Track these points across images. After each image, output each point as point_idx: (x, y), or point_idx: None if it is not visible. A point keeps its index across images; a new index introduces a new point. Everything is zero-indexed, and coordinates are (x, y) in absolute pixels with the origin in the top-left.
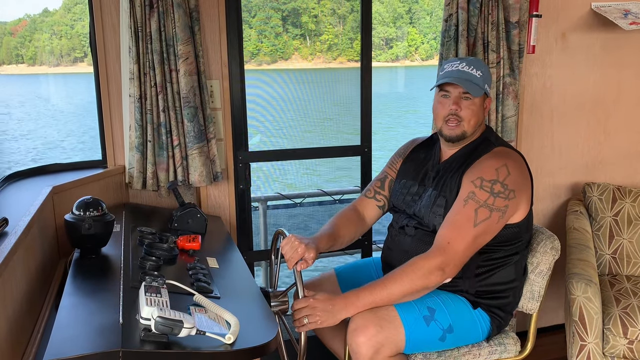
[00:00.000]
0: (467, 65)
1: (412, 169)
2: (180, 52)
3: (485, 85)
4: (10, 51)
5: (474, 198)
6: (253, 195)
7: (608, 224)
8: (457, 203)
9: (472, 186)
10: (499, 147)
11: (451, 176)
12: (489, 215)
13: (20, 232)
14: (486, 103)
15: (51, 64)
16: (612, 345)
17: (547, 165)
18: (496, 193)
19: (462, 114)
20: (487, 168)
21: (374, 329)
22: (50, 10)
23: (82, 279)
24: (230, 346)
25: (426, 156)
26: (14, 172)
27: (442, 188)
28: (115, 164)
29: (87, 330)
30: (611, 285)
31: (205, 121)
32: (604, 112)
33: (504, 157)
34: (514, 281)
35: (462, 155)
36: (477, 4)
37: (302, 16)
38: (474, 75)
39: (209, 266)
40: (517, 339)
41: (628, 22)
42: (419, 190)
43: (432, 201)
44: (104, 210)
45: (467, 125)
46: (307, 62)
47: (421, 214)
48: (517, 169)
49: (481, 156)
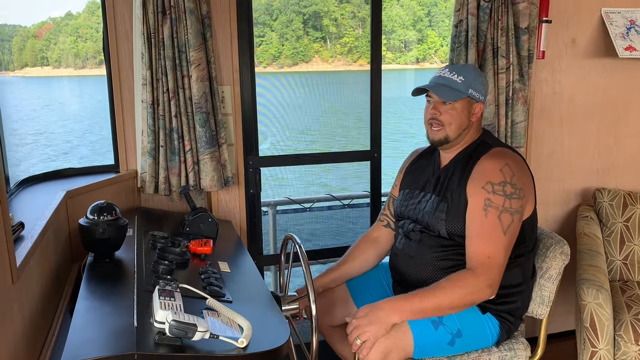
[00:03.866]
0: (451, 71)
1: (413, 178)
2: (192, 58)
3: (470, 90)
4: (35, 54)
5: (492, 205)
6: (263, 200)
7: (619, 229)
8: (477, 213)
9: (484, 193)
10: (496, 147)
11: (451, 180)
12: (512, 220)
13: (36, 236)
14: (474, 108)
15: (77, 67)
16: (623, 352)
17: (557, 170)
18: (509, 195)
19: (442, 118)
20: (491, 171)
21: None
22: (73, 13)
23: (97, 282)
24: (243, 350)
25: (427, 164)
26: (28, 177)
27: (444, 193)
28: (128, 168)
29: (102, 334)
30: (622, 292)
31: (217, 126)
32: (615, 117)
33: (503, 157)
34: (521, 284)
35: (460, 159)
36: (487, 9)
37: (323, 19)
38: (454, 81)
39: (221, 270)
40: (527, 344)
41: (624, 47)
42: (421, 197)
43: (434, 207)
44: (117, 215)
45: (448, 129)
46: (327, 65)
47: (425, 219)
48: (519, 167)
49: (480, 158)
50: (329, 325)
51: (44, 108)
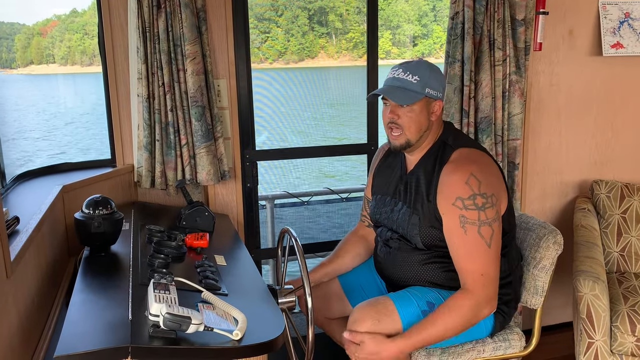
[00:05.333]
0: (405, 71)
1: (382, 182)
2: (188, 51)
3: (427, 89)
4: (41, 51)
5: (467, 221)
6: (260, 193)
7: (616, 221)
8: (456, 232)
9: (457, 210)
10: (456, 150)
11: (418, 190)
12: (492, 230)
13: (31, 230)
14: (434, 107)
15: (84, 64)
16: (620, 343)
17: (554, 162)
18: (481, 207)
19: (400, 122)
20: (457, 185)
21: (371, 321)
22: (79, 11)
23: (92, 276)
24: (238, 342)
25: (394, 165)
26: (24, 172)
27: (414, 204)
28: (124, 163)
29: (97, 327)
30: (619, 283)
31: (213, 120)
32: (612, 109)
33: (466, 165)
34: (509, 275)
35: (424, 164)
36: (483, 1)
37: (328, 15)
38: (409, 82)
39: (217, 264)
40: (522, 335)
41: (612, 44)
42: (392, 204)
43: (407, 219)
44: (113, 209)
45: (408, 132)
46: (333, 60)
47: (400, 230)
48: (484, 172)
49: (442, 167)
50: (326, 318)
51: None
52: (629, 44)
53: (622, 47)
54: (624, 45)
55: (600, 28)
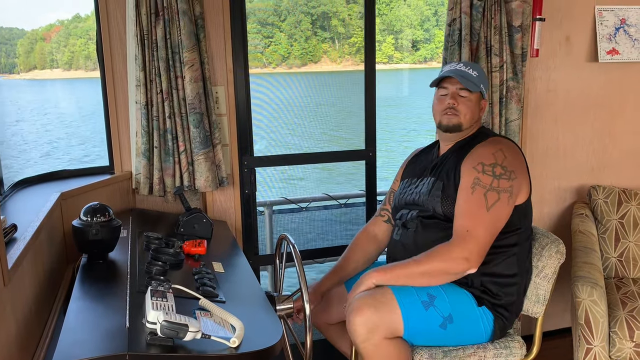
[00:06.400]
0: (464, 65)
1: (413, 169)
2: (186, 59)
3: (481, 85)
4: (45, 56)
5: (479, 183)
6: (259, 200)
7: (614, 226)
8: (465, 191)
9: (474, 172)
10: (493, 137)
11: (448, 163)
12: (498, 198)
13: (29, 238)
14: (482, 104)
15: (88, 68)
16: (618, 349)
17: (552, 168)
18: (498, 175)
19: (459, 107)
20: (484, 153)
21: (369, 310)
22: (82, 16)
23: (90, 283)
24: (235, 350)
25: (426, 157)
26: (22, 179)
27: (439, 174)
28: (122, 170)
29: (94, 334)
30: (617, 289)
31: (211, 127)
32: (609, 115)
33: (498, 143)
34: (516, 275)
35: (458, 147)
36: (480, 8)
37: (331, 20)
38: (471, 74)
39: (215, 271)
40: (523, 343)
41: (607, 50)
42: (418, 182)
43: (430, 187)
44: (110, 216)
45: (463, 118)
46: (336, 65)
47: (420, 200)
48: (512, 153)
49: (477, 145)
50: (326, 323)
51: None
52: (625, 50)
53: (617, 54)
54: (620, 52)
55: (597, 35)
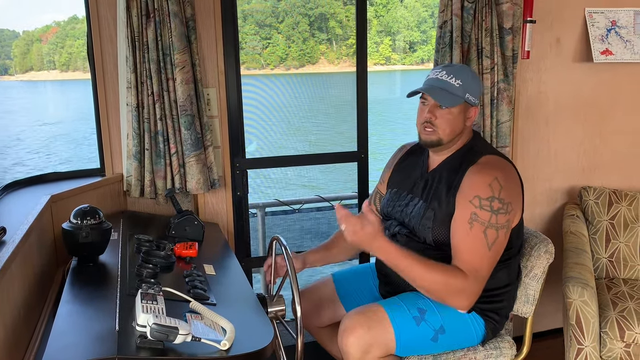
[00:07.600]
0: (448, 74)
1: (401, 177)
2: (177, 61)
3: (467, 95)
4: (42, 57)
5: (477, 220)
6: (251, 202)
7: (604, 227)
8: (462, 225)
9: (471, 206)
10: (485, 156)
11: (439, 187)
12: (497, 235)
13: (18, 241)
14: (469, 112)
15: (86, 70)
16: (609, 349)
17: (543, 169)
18: (496, 210)
19: (437, 122)
20: (480, 185)
21: (362, 330)
22: (79, 17)
23: (80, 286)
24: (226, 352)
25: (416, 164)
26: (12, 182)
27: (431, 200)
28: (113, 172)
29: (83, 338)
30: (608, 289)
31: (202, 129)
32: (600, 116)
33: (492, 170)
34: (507, 286)
35: (448, 164)
36: (471, 10)
37: (329, 21)
38: (451, 84)
39: (206, 273)
40: (513, 343)
41: (601, 50)
42: (408, 199)
43: (421, 213)
44: (101, 219)
45: (442, 133)
46: (333, 66)
47: (411, 224)
48: (508, 180)
49: (468, 167)
50: (316, 326)
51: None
52: (617, 51)
53: (611, 54)
54: (613, 52)
55: (589, 35)
